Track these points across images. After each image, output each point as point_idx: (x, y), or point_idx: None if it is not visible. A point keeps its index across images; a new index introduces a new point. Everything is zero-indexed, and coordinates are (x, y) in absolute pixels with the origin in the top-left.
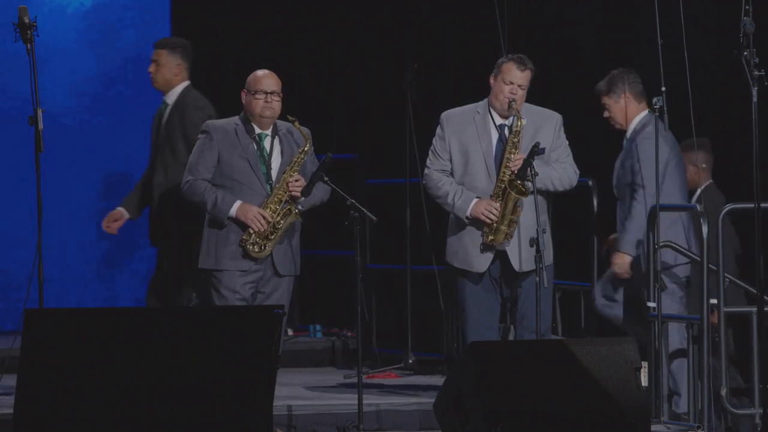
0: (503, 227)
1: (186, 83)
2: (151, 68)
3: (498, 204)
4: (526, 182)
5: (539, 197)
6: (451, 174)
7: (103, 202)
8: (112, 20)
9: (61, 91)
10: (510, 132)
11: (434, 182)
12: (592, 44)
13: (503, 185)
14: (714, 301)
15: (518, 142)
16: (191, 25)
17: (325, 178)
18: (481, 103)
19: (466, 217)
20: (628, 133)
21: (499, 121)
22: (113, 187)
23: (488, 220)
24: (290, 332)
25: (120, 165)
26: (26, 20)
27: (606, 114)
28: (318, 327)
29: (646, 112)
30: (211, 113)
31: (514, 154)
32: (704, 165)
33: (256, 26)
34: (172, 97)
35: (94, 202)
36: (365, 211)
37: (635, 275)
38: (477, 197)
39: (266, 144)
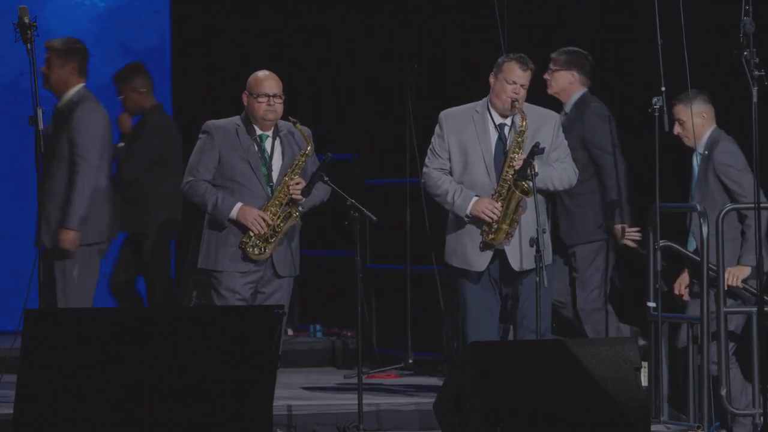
0: (504, 226)
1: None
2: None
3: (499, 203)
4: (528, 182)
5: (540, 197)
6: (450, 173)
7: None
8: (123, 21)
9: None
10: (513, 131)
11: (433, 180)
12: (592, 44)
13: (507, 185)
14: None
15: (522, 141)
16: (191, 25)
17: (325, 178)
18: (480, 102)
19: (466, 216)
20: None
21: (498, 120)
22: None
23: (489, 219)
24: (290, 332)
25: None
26: (26, 20)
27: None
28: (318, 327)
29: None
30: None
31: (518, 153)
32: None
33: (256, 26)
34: None
35: None
36: (365, 211)
37: None
38: (476, 196)
39: (267, 145)
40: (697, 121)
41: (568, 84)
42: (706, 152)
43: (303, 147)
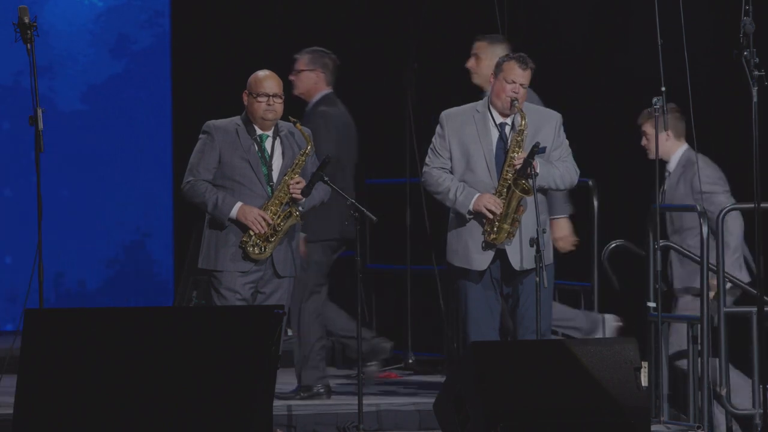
0: (506, 226)
1: None
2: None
3: (500, 199)
4: (529, 181)
5: (540, 196)
6: (451, 172)
7: (114, 204)
8: (125, 23)
9: (73, 93)
10: (513, 131)
11: (434, 179)
12: (592, 44)
13: (508, 184)
14: (653, 304)
15: (522, 141)
16: (191, 25)
17: (326, 178)
18: (480, 102)
19: (468, 212)
20: None
21: (499, 119)
22: (125, 189)
23: (490, 215)
24: (290, 332)
25: (131, 165)
26: (26, 20)
27: None
28: None
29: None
30: None
31: (517, 153)
32: None
33: (256, 26)
34: None
35: (105, 204)
36: (365, 211)
37: None
38: (478, 193)
39: (267, 145)
40: None
41: (313, 84)
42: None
43: (303, 147)
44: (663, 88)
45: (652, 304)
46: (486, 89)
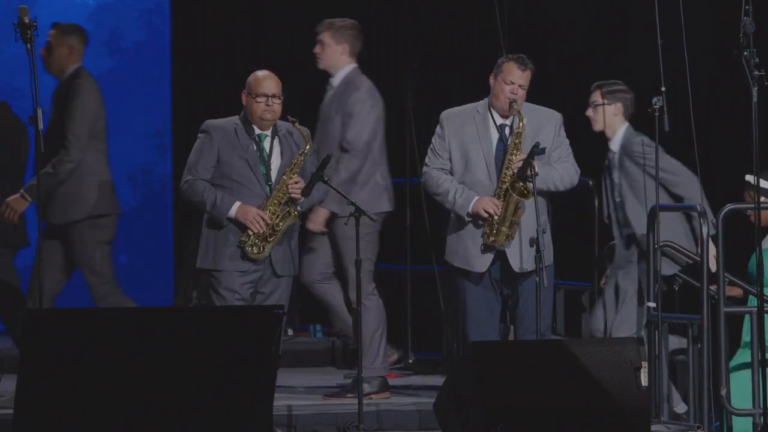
0: (504, 228)
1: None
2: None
3: (500, 201)
4: (527, 183)
5: (539, 197)
6: (451, 173)
7: None
8: (118, 20)
9: None
10: (511, 133)
11: (434, 180)
12: (592, 44)
13: (505, 187)
14: (653, 304)
15: (520, 143)
16: (191, 25)
17: (325, 178)
18: (481, 102)
19: (467, 215)
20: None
21: (499, 121)
22: (124, 188)
23: (486, 215)
24: (290, 332)
25: (130, 164)
26: (26, 20)
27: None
28: (318, 327)
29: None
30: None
31: (515, 155)
32: None
33: (256, 26)
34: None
35: None
36: (365, 211)
37: None
38: (477, 196)
39: (266, 145)
40: None
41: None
42: None
43: (302, 146)
44: (663, 88)
45: (652, 304)
46: (55, 75)
